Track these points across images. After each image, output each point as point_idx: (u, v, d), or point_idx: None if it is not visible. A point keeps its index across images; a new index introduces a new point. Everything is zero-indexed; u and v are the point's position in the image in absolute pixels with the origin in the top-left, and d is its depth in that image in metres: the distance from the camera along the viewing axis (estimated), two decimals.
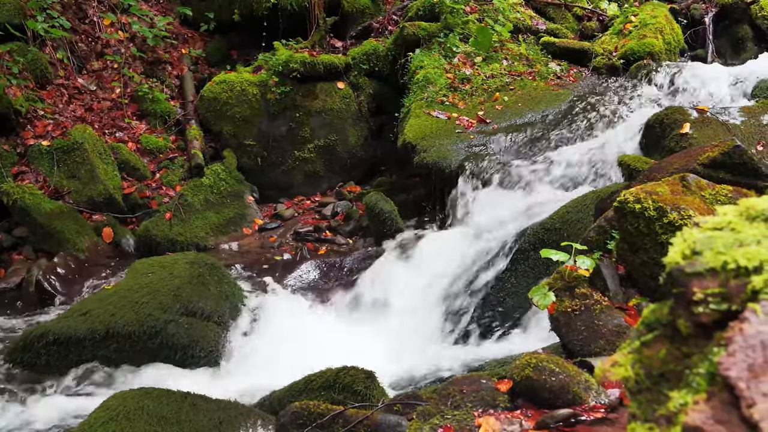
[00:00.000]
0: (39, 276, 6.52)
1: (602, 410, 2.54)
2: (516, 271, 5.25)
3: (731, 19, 9.18)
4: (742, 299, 0.75)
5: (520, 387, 2.75)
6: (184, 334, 5.12)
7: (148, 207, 7.72)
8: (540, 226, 5.28)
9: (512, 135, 6.97)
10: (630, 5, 9.43)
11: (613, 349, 2.96)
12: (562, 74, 8.26)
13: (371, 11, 9.78)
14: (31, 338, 5.02)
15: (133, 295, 5.25)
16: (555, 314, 3.24)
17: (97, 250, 7.13)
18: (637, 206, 3.00)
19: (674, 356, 0.80)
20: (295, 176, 8.59)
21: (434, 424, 2.70)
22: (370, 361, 4.02)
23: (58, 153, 7.50)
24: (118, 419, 3.46)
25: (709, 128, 5.46)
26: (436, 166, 6.76)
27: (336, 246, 7.29)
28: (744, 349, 0.72)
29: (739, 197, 2.92)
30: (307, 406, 3.07)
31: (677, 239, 0.84)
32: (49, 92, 8.24)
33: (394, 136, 8.15)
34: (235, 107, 8.44)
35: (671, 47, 8.57)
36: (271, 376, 4.68)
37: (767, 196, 0.86)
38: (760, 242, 0.79)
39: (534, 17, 9.33)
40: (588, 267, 3.25)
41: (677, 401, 0.75)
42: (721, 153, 3.57)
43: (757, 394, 0.69)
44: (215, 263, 5.89)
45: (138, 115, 8.61)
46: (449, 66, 8.17)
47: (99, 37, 9.04)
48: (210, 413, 3.64)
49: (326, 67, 8.56)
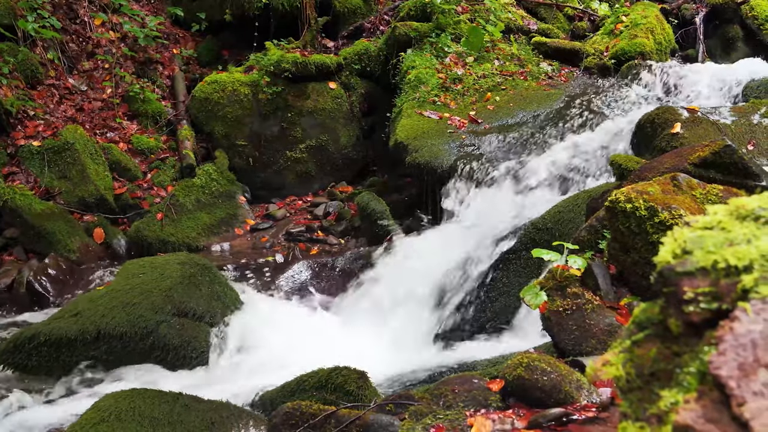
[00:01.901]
0: (30, 277, 6.49)
1: (594, 409, 2.55)
2: (508, 271, 5.26)
3: (722, 19, 9.22)
4: (732, 298, 0.76)
5: (512, 386, 2.76)
6: (175, 334, 5.10)
7: (140, 207, 7.70)
8: (532, 225, 5.29)
9: (504, 135, 6.97)
10: (621, 5, 9.46)
11: (604, 349, 2.96)
12: (553, 74, 8.28)
13: (363, 11, 9.78)
14: (22, 339, 5.00)
15: (125, 295, 5.23)
16: (547, 314, 3.25)
17: (89, 251, 7.11)
18: (629, 206, 3.00)
19: (665, 355, 0.80)
20: (287, 176, 8.58)
21: (426, 423, 2.70)
22: (362, 361, 4.02)
23: (49, 153, 7.47)
24: (109, 420, 3.46)
25: (700, 128, 5.48)
26: (427, 166, 6.76)
27: (328, 246, 7.28)
28: (734, 348, 0.72)
29: (730, 196, 2.93)
30: (299, 407, 3.07)
31: (668, 238, 0.84)
32: (39, 92, 8.21)
33: (385, 136, 8.15)
34: (226, 107, 8.42)
35: (662, 47, 8.60)
36: (263, 376, 4.68)
37: (757, 196, 0.87)
38: (750, 241, 0.79)
39: (525, 17, 9.34)
40: (579, 266, 3.26)
41: (668, 400, 0.76)
42: (712, 152, 3.58)
43: (747, 392, 0.69)
44: (207, 264, 5.87)
45: (129, 115, 8.58)
46: (441, 66, 8.18)
47: (90, 37, 9.01)
48: (202, 414, 3.63)
49: (318, 67, 8.55)
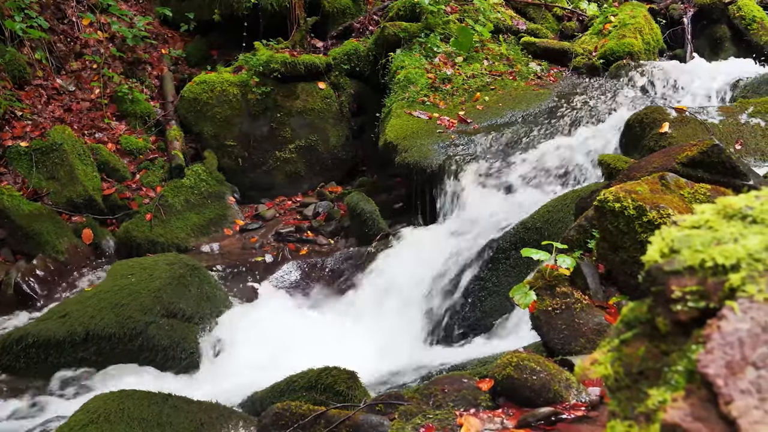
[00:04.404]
0: (18, 278, 6.46)
1: (583, 408, 2.55)
2: (497, 270, 5.27)
3: (709, 19, 9.26)
4: (719, 297, 0.76)
5: (502, 386, 2.76)
6: (165, 335, 5.09)
7: (128, 208, 7.66)
8: (521, 225, 5.30)
9: (493, 135, 6.98)
10: (610, 5, 9.49)
11: (593, 348, 2.97)
12: (542, 74, 8.29)
13: (352, 11, 9.78)
14: (10, 341, 4.98)
15: (113, 296, 5.21)
16: (536, 313, 3.25)
17: (77, 252, 7.07)
18: (617, 205, 3.01)
19: (653, 354, 0.80)
20: (277, 177, 8.56)
21: (416, 423, 2.70)
22: (352, 361, 4.02)
23: (37, 154, 7.43)
24: (98, 422, 3.44)
25: (688, 127, 5.50)
26: (417, 166, 6.76)
27: (317, 246, 7.27)
28: (722, 347, 0.72)
29: (717, 196, 2.94)
30: (289, 407, 3.06)
31: (656, 238, 0.85)
32: (27, 93, 8.17)
33: (375, 136, 8.15)
34: (215, 108, 8.40)
35: (650, 47, 8.64)
36: (252, 376, 4.67)
37: (744, 195, 0.87)
38: (737, 240, 0.79)
39: (514, 17, 9.36)
40: (568, 266, 3.27)
41: (656, 399, 0.76)
42: (700, 152, 3.60)
43: (735, 390, 0.70)
44: (196, 264, 5.86)
45: (117, 115, 8.54)
46: (430, 66, 8.18)
47: (78, 38, 8.97)
48: (191, 415, 3.62)
49: (307, 67, 8.54)
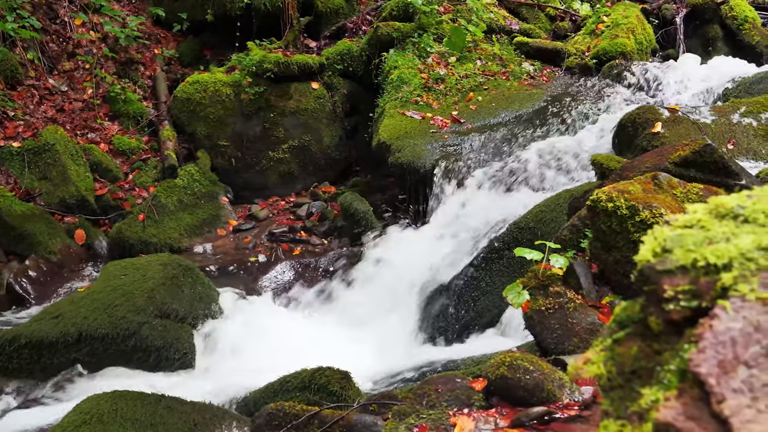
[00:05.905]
0: (10, 279, 6.44)
1: (576, 407, 2.56)
2: (490, 270, 5.27)
3: (702, 19, 9.30)
4: (711, 296, 0.76)
5: (495, 385, 2.76)
6: (158, 336, 5.08)
7: (121, 208, 7.65)
8: (514, 225, 5.30)
9: (486, 134, 6.99)
10: (602, 5, 9.51)
11: (586, 347, 2.97)
12: (535, 74, 8.31)
13: (345, 11, 9.77)
14: (3, 342, 4.95)
15: (106, 297, 5.19)
16: (529, 313, 3.26)
17: (70, 253, 7.06)
18: (610, 205, 3.02)
19: (646, 353, 0.80)
20: (270, 177, 8.55)
21: (409, 423, 2.70)
22: (345, 361, 4.02)
23: (29, 154, 7.41)
24: (91, 422, 3.43)
25: (681, 127, 5.51)
26: (410, 166, 6.76)
27: (311, 246, 7.27)
28: (714, 346, 0.73)
29: (710, 195, 2.95)
30: (283, 407, 3.06)
31: (648, 237, 0.85)
32: (19, 93, 8.14)
33: (368, 136, 8.15)
34: (208, 108, 8.39)
35: (643, 47, 8.66)
36: (246, 377, 4.66)
37: (736, 194, 0.87)
38: (729, 240, 0.79)
39: (507, 17, 9.37)
40: (562, 265, 3.27)
41: (649, 398, 0.76)
42: (692, 152, 3.61)
43: (727, 389, 0.70)
44: (189, 265, 5.85)
45: (110, 116, 8.53)
46: (423, 66, 8.19)
47: (70, 38, 8.94)
48: (184, 415, 3.61)
49: (300, 67, 8.53)
